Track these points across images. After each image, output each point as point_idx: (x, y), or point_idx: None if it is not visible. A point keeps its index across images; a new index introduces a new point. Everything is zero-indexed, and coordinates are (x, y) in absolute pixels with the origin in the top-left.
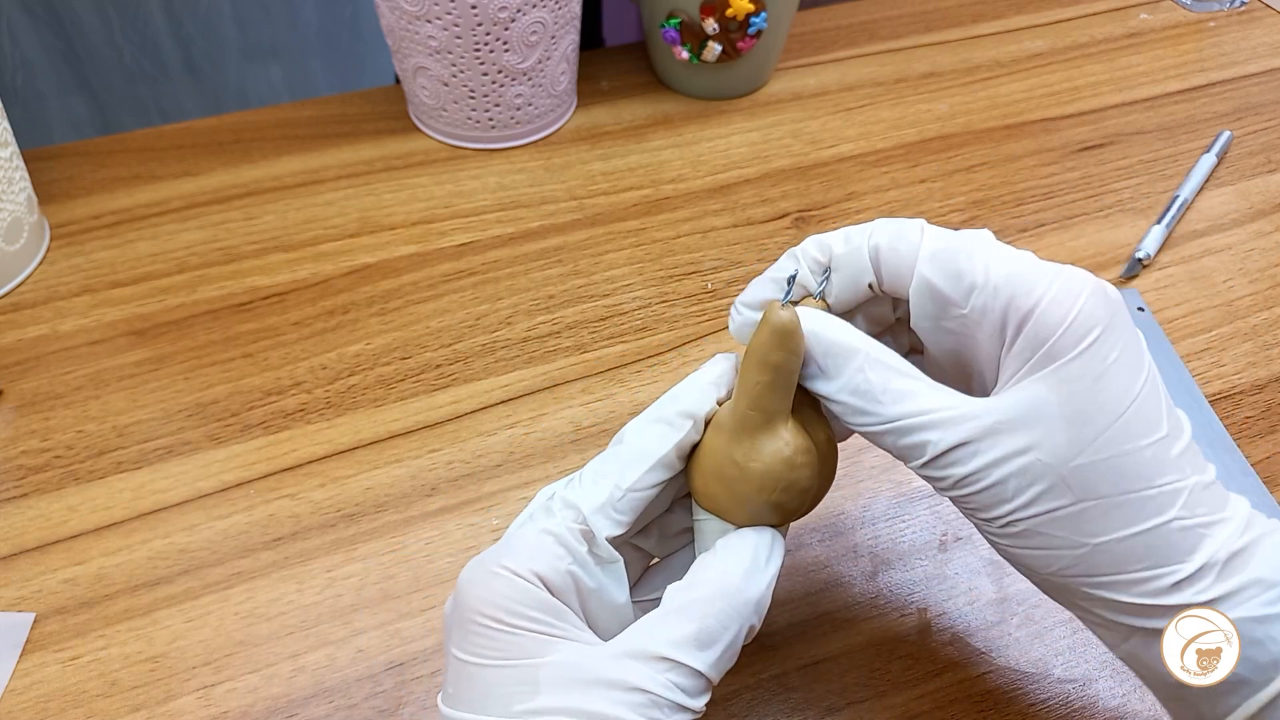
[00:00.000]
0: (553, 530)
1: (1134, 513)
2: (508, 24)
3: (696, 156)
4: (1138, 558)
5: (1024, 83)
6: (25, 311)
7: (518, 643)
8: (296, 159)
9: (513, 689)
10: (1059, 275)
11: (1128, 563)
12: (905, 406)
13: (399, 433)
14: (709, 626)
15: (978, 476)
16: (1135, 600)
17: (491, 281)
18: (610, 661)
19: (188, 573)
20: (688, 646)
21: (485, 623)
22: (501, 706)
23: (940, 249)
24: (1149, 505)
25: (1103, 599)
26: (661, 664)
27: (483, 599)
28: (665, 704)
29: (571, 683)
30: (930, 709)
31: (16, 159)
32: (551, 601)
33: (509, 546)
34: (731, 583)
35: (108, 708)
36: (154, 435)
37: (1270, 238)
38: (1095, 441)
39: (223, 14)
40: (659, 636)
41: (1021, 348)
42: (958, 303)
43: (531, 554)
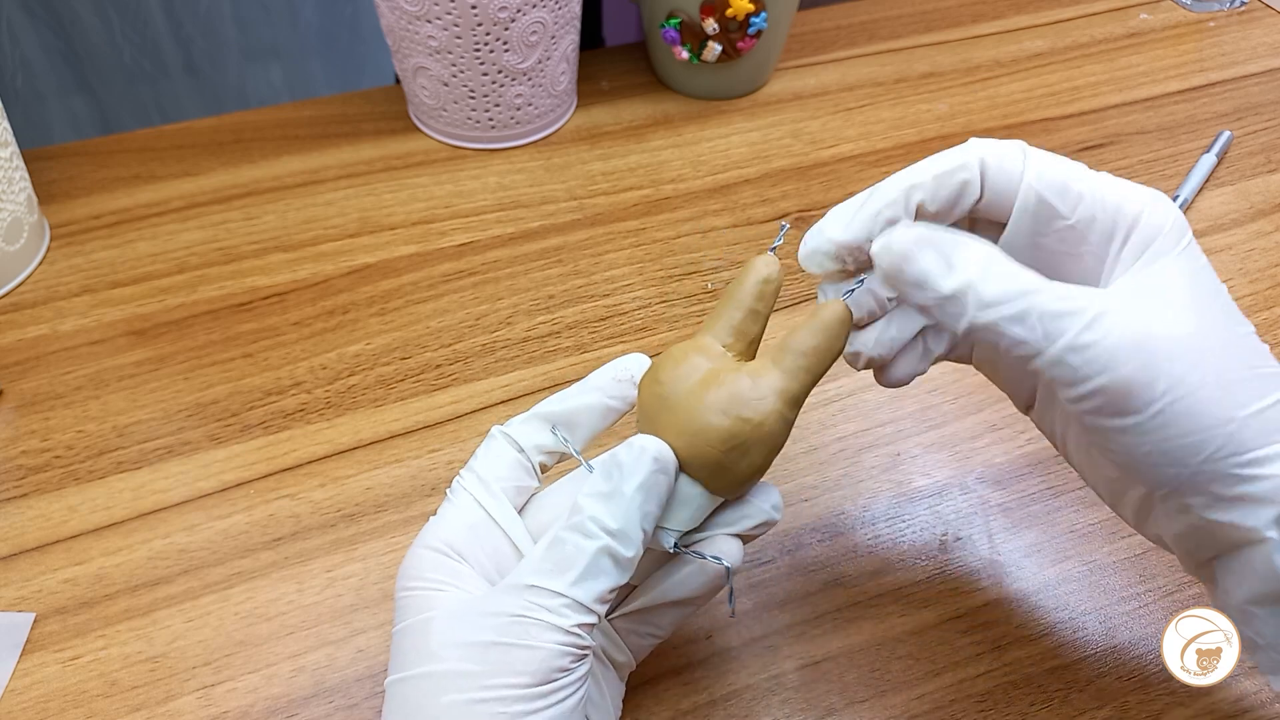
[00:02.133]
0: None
1: (1266, 385)
2: (508, 24)
3: (696, 156)
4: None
5: (1024, 83)
6: (25, 311)
7: (415, 602)
8: (296, 159)
9: (412, 641)
10: (1148, 190)
11: (1274, 433)
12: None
13: (399, 433)
14: (566, 553)
15: (1127, 352)
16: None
17: (491, 281)
18: (489, 598)
19: (188, 573)
20: (547, 573)
21: (402, 594)
22: (404, 657)
23: (1046, 166)
24: (1272, 377)
25: (1250, 476)
26: (529, 591)
27: (403, 573)
28: (532, 622)
29: (457, 621)
30: (930, 709)
31: (16, 159)
32: (451, 564)
33: (425, 527)
34: (581, 507)
35: (108, 708)
36: (154, 435)
37: (1270, 238)
38: (1220, 318)
39: (223, 14)
40: (525, 569)
41: (1134, 245)
42: (1064, 214)
43: (439, 527)
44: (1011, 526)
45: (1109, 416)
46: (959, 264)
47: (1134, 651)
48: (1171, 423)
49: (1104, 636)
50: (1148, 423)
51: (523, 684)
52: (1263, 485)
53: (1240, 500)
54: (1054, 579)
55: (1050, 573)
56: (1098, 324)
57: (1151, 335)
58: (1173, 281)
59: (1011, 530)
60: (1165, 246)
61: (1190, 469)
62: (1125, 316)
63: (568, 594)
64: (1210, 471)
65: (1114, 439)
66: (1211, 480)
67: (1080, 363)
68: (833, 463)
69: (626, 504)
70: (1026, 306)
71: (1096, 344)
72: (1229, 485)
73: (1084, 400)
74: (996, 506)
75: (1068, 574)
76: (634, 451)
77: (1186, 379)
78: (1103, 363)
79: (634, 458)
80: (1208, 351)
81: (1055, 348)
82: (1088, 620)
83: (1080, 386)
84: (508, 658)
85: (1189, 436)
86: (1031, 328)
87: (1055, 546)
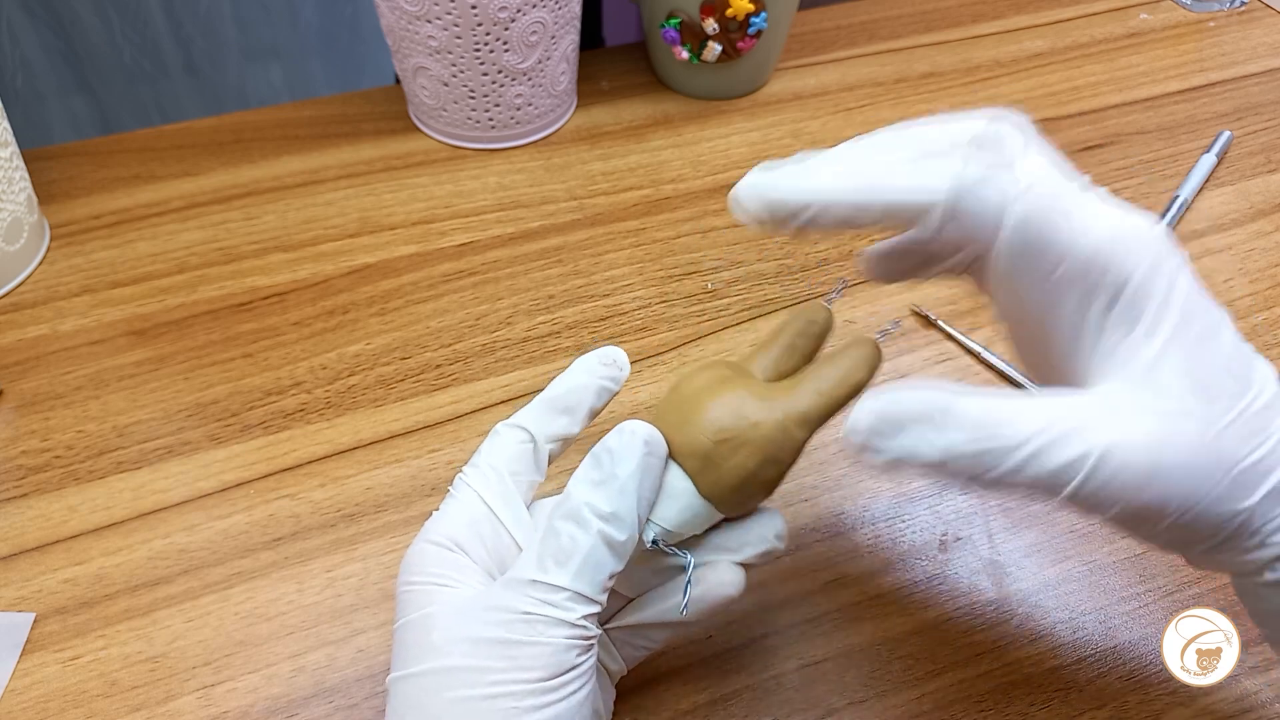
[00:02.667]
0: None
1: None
2: (508, 24)
3: (696, 156)
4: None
5: (1024, 83)
6: (25, 311)
7: (417, 597)
8: (296, 159)
9: (415, 637)
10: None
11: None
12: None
13: (399, 433)
14: (562, 545)
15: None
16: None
17: (491, 281)
18: (491, 593)
19: (188, 573)
20: (547, 567)
21: (403, 589)
22: (407, 653)
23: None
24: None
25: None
26: (531, 585)
27: (405, 568)
28: (539, 619)
29: (461, 617)
30: (930, 709)
31: (16, 159)
32: (454, 558)
33: (428, 523)
34: (575, 496)
35: (108, 708)
36: (154, 435)
37: (1270, 238)
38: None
39: (223, 14)
40: (526, 563)
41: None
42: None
43: (442, 522)
44: (1011, 526)
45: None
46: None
47: (1134, 651)
48: (1184, 528)
49: (1104, 636)
50: (1161, 532)
51: (533, 679)
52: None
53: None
54: (1054, 579)
55: (1050, 573)
56: (1105, 463)
57: (1161, 466)
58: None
59: (1011, 530)
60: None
61: (1202, 549)
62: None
63: (570, 587)
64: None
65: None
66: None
67: (1094, 503)
68: (833, 463)
69: (620, 488)
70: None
71: (1107, 484)
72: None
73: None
74: (996, 506)
75: (1068, 574)
76: (624, 436)
77: (1196, 492)
78: (1114, 498)
79: (624, 442)
80: (1216, 451)
81: (1066, 492)
82: (1088, 620)
83: (1094, 516)
84: (516, 653)
85: (1200, 535)
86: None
87: (1055, 546)
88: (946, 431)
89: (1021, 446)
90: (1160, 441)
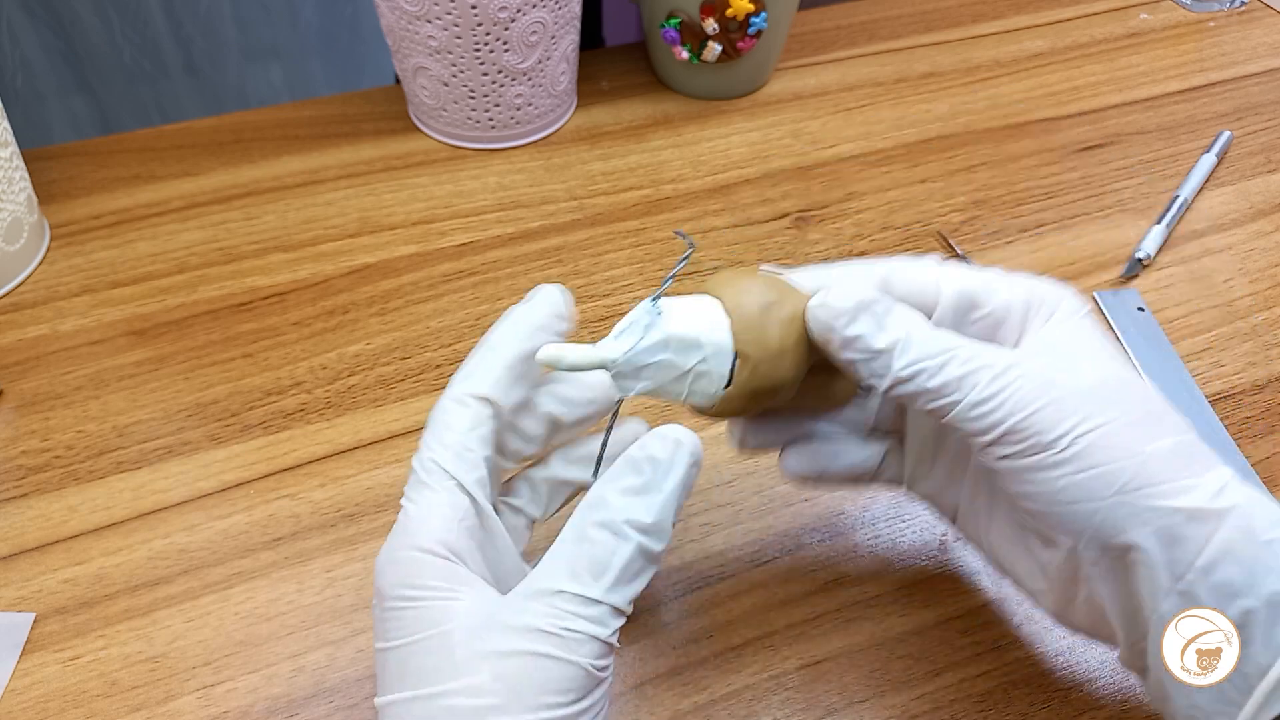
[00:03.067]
0: (439, 497)
1: (1167, 426)
2: (508, 24)
3: (696, 156)
4: (1183, 465)
5: (1024, 83)
6: (25, 311)
7: (420, 616)
8: (296, 159)
9: (428, 660)
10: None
11: (1177, 470)
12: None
13: (399, 433)
14: (597, 555)
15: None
16: (1193, 505)
17: (491, 281)
18: (515, 605)
19: (188, 573)
20: (581, 578)
21: (398, 605)
22: (419, 677)
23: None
24: (1172, 420)
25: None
26: (560, 597)
27: (392, 583)
28: (572, 635)
29: (483, 633)
30: (930, 709)
31: (16, 159)
32: (451, 568)
33: (406, 526)
34: (615, 506)
35: (108, 708)
36: (154, 435)
37: (1270, 238)
38: (1121, 370)
39: (223, 14)
40: (554, 572)
41: (1040, 318)
42: (983, 305)
43: (428, 526)
44: None
45: (1022, 458)
46: (890, 325)
47: None
48: (1082, 455)
49: None
50: (1057, 458)
51: (566, 701)
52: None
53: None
54: None
55: None
56: (1007, 373)
57: (1056, 382)
58: (1075, 339)
59: None
60: (1065, 315)
61: (1106, 503)
62: (1033, 366)
63: (605, 600)
64: (1125, 504)
65: (1031, 481)
66: (1128, 515)
67: (992, 408)
68: None
69: (664, 502)
70: (945, 361)
71: (1006, 389)
72: (1144, 518)
73: (998, 445)
74: None
75: None
76: (670, 445)
77: (1092, 417)
78: (1011, 406)
79: (672, 453)
80: (1111, 396)
81: (969, 397)
82: None
83: (992, 432)
84: (548, 672)
85: (1099, 468)
86: (947, 381)
87: None
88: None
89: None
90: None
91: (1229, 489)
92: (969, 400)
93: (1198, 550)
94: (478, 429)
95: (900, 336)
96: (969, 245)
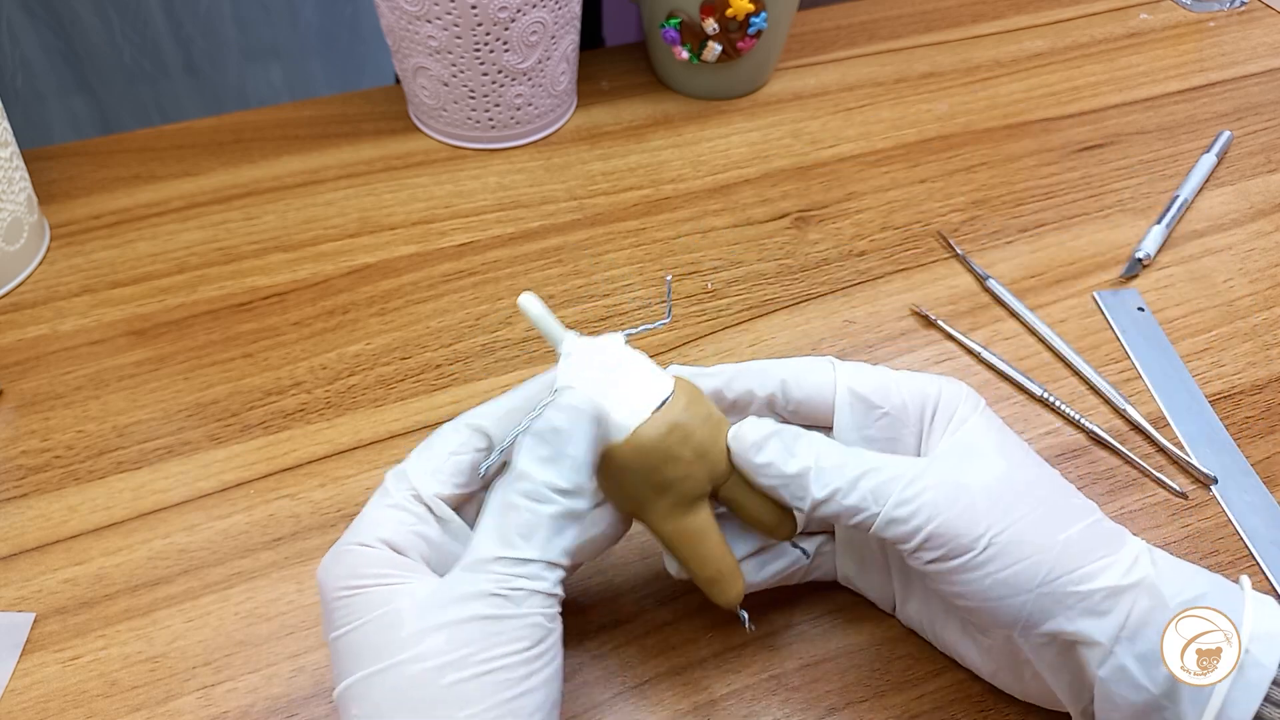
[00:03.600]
0: (393, 501)
1: (1076, 513)
2: (508, 24)
3: (696, 156)
4: (1095, 546)
5: (1024, 83)
6: (25, 311)
7: (369, 599)
8: (296, 159)
9: (381, 635)
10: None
11: (1090, 553)
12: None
13: (399, 433)
14: (524, 519)
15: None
16: (1111, 583)
17: (491, 281)
18: (457, 577)
19: (188, 573)
20: (513, 542)
21: (342, 594)
22: (375, 653)
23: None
24: (1081, 507)
25: (1083, 593)
26: (498, 563)
27: (338, 575)
28: (516, 593)
29: (430, 606)
30: (930, 709)
31: (16, 159)
32: (396, 558)
33: (356, 525)
34: (533, 475)
35: (108, 708)
36: (154, 435)
37: (1270, 238)
38: (1025, 460)
39: (223, 14)
40: (488, 542)
41: (941, 418)
42: (880, 405)
43: (376, 525)
44: None
45: (946, 561)
46: (799, 451)
47: None
48: (1000, 554)
49: None
50: (980, 559)
51: (520, 649)
52: (1095, 598)
53: (1081, 616)
54: None
55: None
56: (917, 481)
57: (965, 485)
58: (978, 439)
59: None
60: (965, 413)
61: (1032, 595)
62: (941, 473)
63: (540, 557)
64: (1049, 594)
65: (959, 582)
66: (1053, 603)
67: (907, 516)
68: None
69: (575, 465)
70: (857, 478)
71: (918, 497)
72: (1068, 603)
73: (921, 551)
74: None
75: None
76: (571, 413)
77: (1004, 516)
78: (928, 514)
79: (574, 421)
80: (1020, 492)
81: (885, 510)
82: None
83: (914, 539)
84: (499, 629)
85: (1019, 564)
86: (863, 497)
87: None
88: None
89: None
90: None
91: (1140, 562)
92: (885, 512)
93: (1120, 624)
94: (460, 454)
95: (810, 462)
96: (969, 245)
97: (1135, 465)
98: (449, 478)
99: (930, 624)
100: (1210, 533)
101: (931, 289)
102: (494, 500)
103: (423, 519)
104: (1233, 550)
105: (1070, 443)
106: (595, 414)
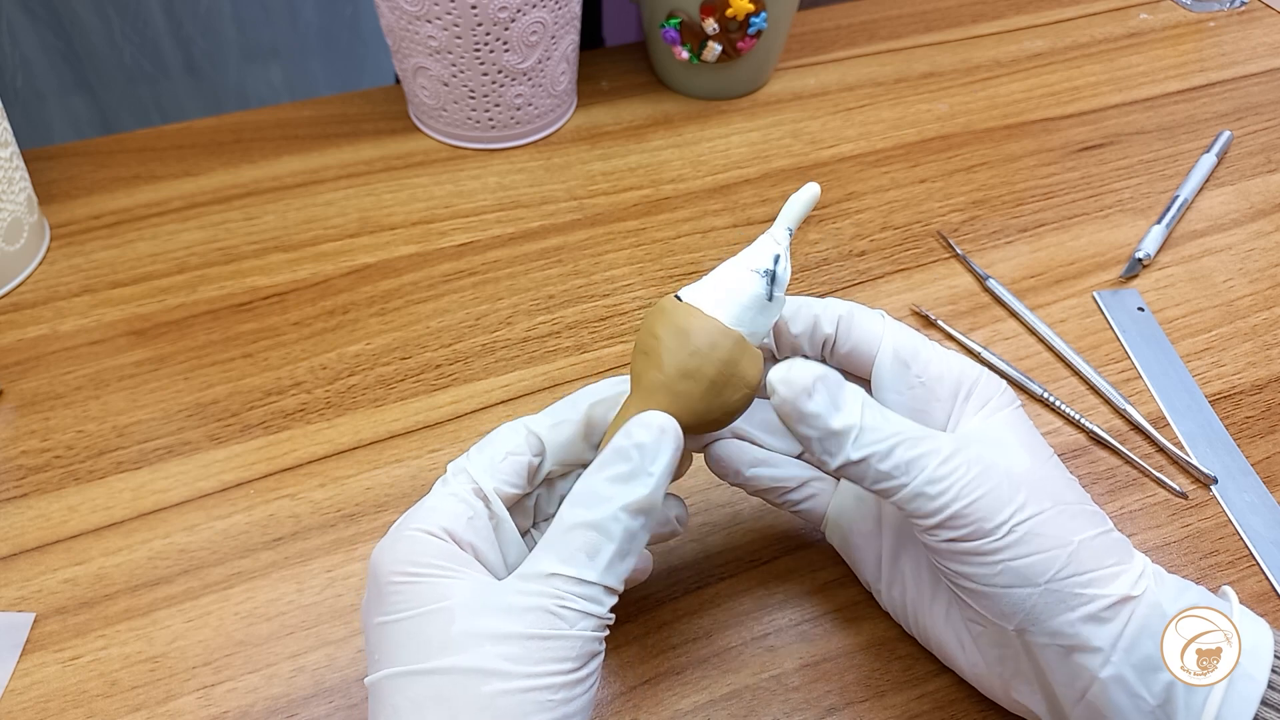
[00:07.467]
0: (454, 492)
1: (1092, 519)
2: (508, 24)
3: (696, 156)
4: (1108, 553)
5: (1024, 83)
6: (25, 311)
7: (424, 590)
8: (296, 159)
9: (430, 631)
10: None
11: (1104, 559)
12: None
13: (399, 433)
14: (590, 539)
15: (977, 482)
16: (1119, 592)
17: (491, 281)
18: (513, 587)
19: (188, 573)
20: (576, 560)
21: (399, 580)
22: (422, 650)
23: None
24: (1096, 516)
25: (1089, 596)
26: (556, 580)
27: (396, 559)
28: (570, 613)
29: (482, 613)
30: (930, 709)
31: (16, 159)
32: (454, 550)
33: (417, 511)
34: (602, 493)
35: (108, 708)
36: (154, 435)
37: (1270, 238)
38: (1050, 461)
39: (223, 14)
40: (550, 556)
41: (976, 400)
42: (918, 374)
43: (439, 514)
44: None
45: (964, 542)
46: (845, 405)
47: None
48: (1019, 542)
49: None
50: (998, 544)
51: (566, 670)
52: (1101, 604)
53: (1083, 620)
54: None
55: None
56: (953, 459)
57: (997, 468)
58: (1008, 431)
59: None
60: (1002, 403)
61: (1040, 589)
62: (975, 453)
63: (600, 581)
64: (1056, 591)
65: (969, 564)
66: (1058, 601)
67: (936, 494)
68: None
69: (653, 485)
70: (892, 446)
71: (951, 475)
72: (1072, 604)
73: (941, 529)
74: None
75: None
76: (655, 432)
77: (1029, 505)
78: (956, 491)
79: (656, 439)
80: (1045, 487)
81: (915, 483)
82: None
83: (936, 516)
84: (548, 647)
85: (1034, 556)
86: (896, 466)
87: None
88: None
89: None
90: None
91: (1146, 575)
92: (915, 486)
93: (1119, 632)
94: (517, 455)
95: (855, 420)
96: (969, 245)
97: (1135, 465)
98: (505, 477)
99: (914, 611)
100: (1210, 533)
101: (931, 289)
102: (564, 512)
103: (480, 514)
104: (1233, 550)
105: (1070, 443)
106: (679, 436)
